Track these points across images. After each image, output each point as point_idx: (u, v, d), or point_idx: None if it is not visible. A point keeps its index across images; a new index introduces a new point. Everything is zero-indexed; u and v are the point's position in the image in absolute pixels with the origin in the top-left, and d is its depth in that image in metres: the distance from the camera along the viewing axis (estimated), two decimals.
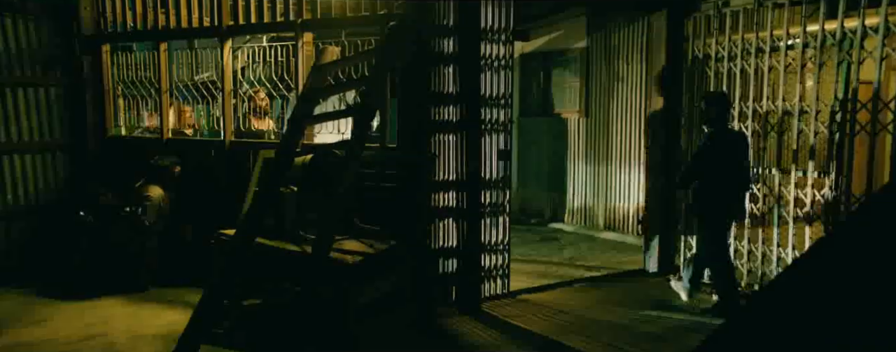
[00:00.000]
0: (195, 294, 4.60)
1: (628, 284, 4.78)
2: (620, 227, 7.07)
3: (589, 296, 4.47)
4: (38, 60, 5.13)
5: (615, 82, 7.03)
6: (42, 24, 5.11)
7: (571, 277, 4.99)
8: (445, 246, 4.10)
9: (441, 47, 3.98)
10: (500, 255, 4.34)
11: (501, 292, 4.37)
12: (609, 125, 7.14)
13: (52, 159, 5.26)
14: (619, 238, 6.91)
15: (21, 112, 5.05)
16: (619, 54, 6.94)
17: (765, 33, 4.04)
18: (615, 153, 7.10)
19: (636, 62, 6.70)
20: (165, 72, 5.05)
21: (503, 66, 4.21)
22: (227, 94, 4.70)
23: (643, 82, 6.62)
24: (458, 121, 4.03)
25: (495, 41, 4.13)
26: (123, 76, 5.32)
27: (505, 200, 4.31)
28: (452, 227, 4.12)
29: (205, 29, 4.79)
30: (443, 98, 4.01)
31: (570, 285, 4.74)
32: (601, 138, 7.27)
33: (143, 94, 5.27)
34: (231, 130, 4.78)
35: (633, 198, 6.88)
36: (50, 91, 5.23)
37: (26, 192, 5.11)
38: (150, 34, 5.04)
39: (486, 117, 4.13)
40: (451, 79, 4.03)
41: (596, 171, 7.39)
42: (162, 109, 5.08)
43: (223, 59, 4.65)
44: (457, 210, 4.09)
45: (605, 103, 7.19)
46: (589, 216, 7.50)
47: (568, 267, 5.44)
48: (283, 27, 4.42)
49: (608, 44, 7.09)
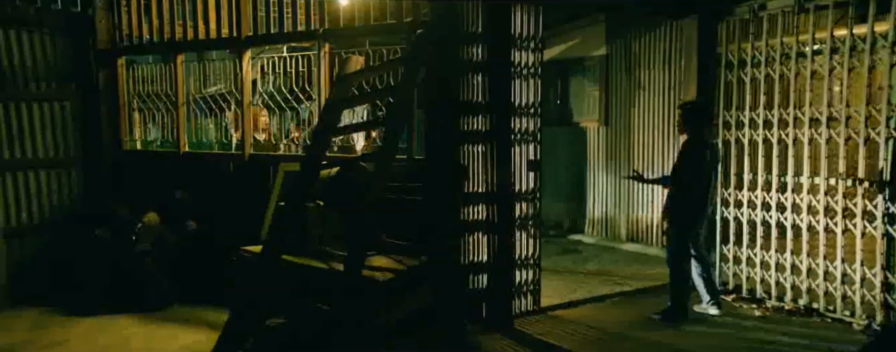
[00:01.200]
0: (214, 313, 4.47)
1: (661, 298, 4.58)
2: (643, 238, 6.88)
3: (623, 312, 4.29)
4: (53, 75, 5.04)
5: (636, 90, 6.89)
6: (57, 37, 5.03)
7: (601, 291, 4.81)
8: (475, 261, 3.94)
9: (469, 55, 3.85)
10: (531, 270, 4.17)
11: (532, 309, 4.20)
12: (630, 134, 6.98)
13: (66, 175, 5.15)
14: (642, 250, 6.72)
15: (36, 127, 4.95)
16: (640, 62, 6.80)
17: (806, 36, 3.88)
18: (637, 162, 6.92)
19: (659, 69, 6.56)
20: (182, 84, 4.95)
21: (532, 74, 4.07)
22: (247, 106, 4.58)
23: (667, 90, 6.48)
24: (487, 131, 3.89)
25: (524, 48, 4.00)
26: (139, 89, 5.22)
27: (535, 213, 4.15)
28: (482, 241, 3.96)
29: (223, 40, 4.69)
30: (471, 107, 3.87)
31: (602, 300, 4.56)
32: (622, 147, 7.11)
33: (159, 107, 5.16)
34: (250, 143, 4.65)
35: (657, 207, 6.70)
36: (64, 106, 5.13)
37: (41, 208, 5.00)
38: (166, 46, 4.95)
39: (516, 127, 3.99)
40: (480, 87, 3.89)
41: (617, 181, 7.22)
42: (178, 123, 4.97)
43: (242, 70, 4.53)
44: (487, 223, 3.93)
45: (625, 112, 7.04)
46: (610, 227, 7.31)
47: (596, 281, 5.25)
48: (305, 37, 4.31)
49: (629, 51, 6.95)
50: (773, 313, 4.07)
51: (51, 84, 5.04)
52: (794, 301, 4.08)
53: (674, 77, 6.36)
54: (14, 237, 4.82)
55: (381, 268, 3.35)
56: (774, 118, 4.10)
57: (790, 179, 4.03)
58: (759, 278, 4.27)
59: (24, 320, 4.39)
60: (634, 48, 6.90)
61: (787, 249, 4.04)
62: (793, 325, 3.90)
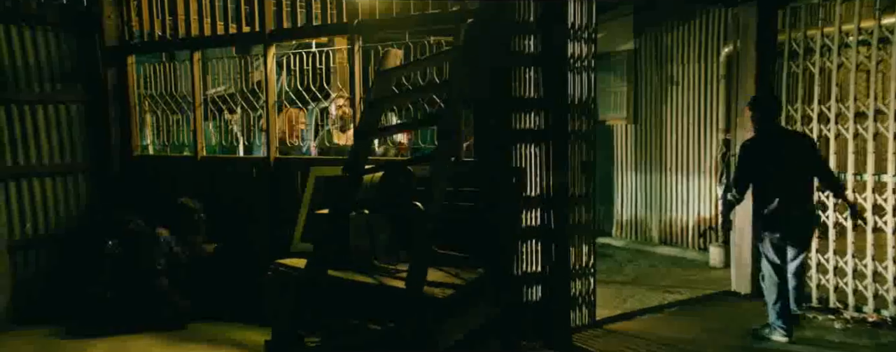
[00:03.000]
0: (239, 330, 4.11)
1: (722, 309, 4.28)
2: (678, 241, 6.58)
3: (685, 325, 3.97)
4: (59, 75, 4.67)
5: (668, 86, 6.59)
6: (62, 34, 4.66)
7: (653, 301, 4.49)
8: (528, 271, 3.62)
9: (521, 47, 3.53)
10: (586, 280, 3.86)
11: (588, 322, 3.88)
12: (662, 132, 6.69)
13: (74, 183, 4.77)
14: (678, 253, 6.42)
15: (41, 131, 4.58)
16: (672, 56, 6.50)
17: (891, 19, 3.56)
18: (670, 161, 6.63)
19: (693, 63, 6.26)
20: (199, 84, 4.59)
21: (586, 67, 3.76)
22: (271, 106, 4.24)
23: (703, 84, 6.18)
24: (540, 129, 3.57)
25: (579, 39, 3.69)
26: (152, 90, 4.85)
27: (589, 219, 3.84)
28: (536, 249, 3.64)
29: (244, 35, 4.34)
30: (523, 104, 3.55)
31: (659, 311, 4.24)
32: (653, 146, 6.81)
33: (173, 109, 4.81)
34: (275, 146, 4.30)
35: (693, 209, 6.40)
36: (71, 108, 4.76)
37: (47, 219, 4.62)
38: (181, 43, 4.58)
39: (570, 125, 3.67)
40: (533, 82, 3.57)
41: (648, 180, 6.92)
42: (196, 125, 4.61)
43: (267, 67, 4.19)
44: (541, 230, 3.61)
45: (656, 109, 6.74)
46: (641, 230, 7.01)
47: (641, 289, 4.94)
48: (337, 30, 3.97)
49: (660, 45, 6.65)
50: (856, 325, 3.76)
51: (56, 85, 4.67)
52: (877, 312, 3.77)
53: (710, 71, 6.07)
54: (19, 250, 4.45)
55: (438, 283, 3.01)
56: (849, 111, 3.80)
57: (869, 178, 3.73)
58: (833, 286, 3.96)
59: (31, 341, 4.02)
60: (666, 42, 6.60)
61: (868, 255, 3.74)
62: None
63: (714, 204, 6.10)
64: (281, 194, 4.25)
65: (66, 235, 4.67)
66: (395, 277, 3.13)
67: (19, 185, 4.48)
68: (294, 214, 4.03)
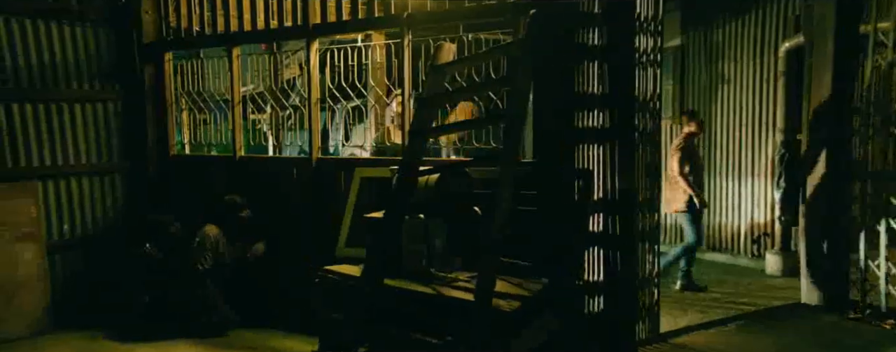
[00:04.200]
0: (281, 339, 3.95)
1: (795, 322, 3.97)
2: (729, 247, 6.27)
3: (758, 341, 3.67)
4: (97, 72, 4.56)
5: (719, 84, 6.28)
6: (100, 31, 4.55)
7: (716, 313, 4.21)
8: (591, 280, 3.38)
9: (585, 40, 3.29)
10: (650, 290, 3.60)
11: (651, 335, 3.63)
12: (711, 132, 6.38)
13: (111, 183, 4.66)
14: (729, 260, 6.12)
15: (78, 130, 4.48)
16: (724, 52, 6.20)
17: None
18: (720, 163, 6.32)
19: (748, 59, 5.94)
20: (238, 81, 4.44)
21: (652, 62, 3.51)
22: (315, 104, 4.06)
23: (758, 82, 5.86)
24: (605, 128, 3.32)
25: (646, 31, 3.44)
26: (189, 87, 4.71)
27: (655, 224, 3.59)
28: (598, 257, 3.39)
29: (287, 29, 4.16)
30: (586, 101, 3.32)
31: (723, 324, 3.96)
32: (702, 148, 6.50)
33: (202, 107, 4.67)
34: (317, 146, 4.12)
35: (745, 214, 6.09)
36: (108, 106, 4.65)
37: (84, 220, 4.52)
38: (220, 38, 4.43)
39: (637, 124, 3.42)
40: (596, 78, 3.33)
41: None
42: (235, 124, 4.45)
43: (310, 62, 4.01)
44: (604, 237, 3.36)
45: (705, 108, 6.43)
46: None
47: (699, 299, 4.66)
48: (386, 23, 3.77)
49: (709, 41, 6.35)
50: None
51: (94, 82, 4.55)
52: None
53: (767, 68, 5.75)
54: (57, 253, 4.34)
55: (502, 294, 2.78)
56: None
57: None
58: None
59: (69, 345, 3.90)
60: (716, 38, 6.29)
61: None
62: None
63: (769, 209, 5.78)
64: (324, 196, 4.07)
65: (103, 236, 4.56)
66: (452, 286, 2.92)
67: (57, 184, 4.39)
68: (337, 217, 3.84)
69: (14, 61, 4.18)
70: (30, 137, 4.26)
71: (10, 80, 4.16)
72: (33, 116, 4.27)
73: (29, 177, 4.23)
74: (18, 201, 4.13)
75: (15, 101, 4.18)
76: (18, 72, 4.19)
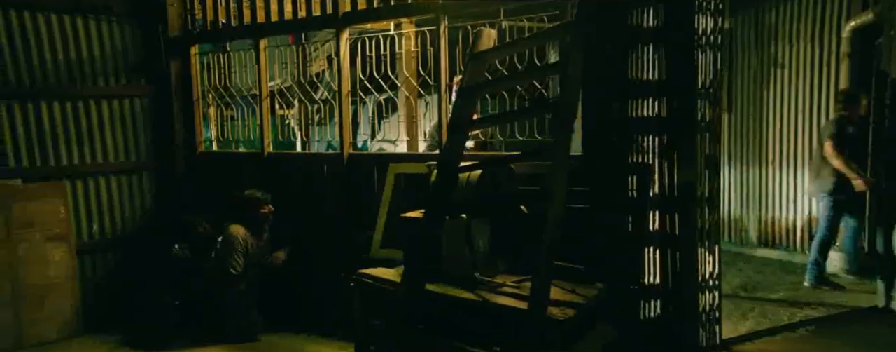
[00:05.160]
0: (313, 344, 3.78)
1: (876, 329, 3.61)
2: (781, 243, 5.88)
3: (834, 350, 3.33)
4: (123, 68, 4.44)
5: (772, 69, 5.87)
6: (125, 25, 4.42)
7: (781, 318, 3.87)
8: (646, 283, 3.10)
9: (639, 21, 3.00)
10: (711, 293, 3.30)
11: (713, 342, 3.33)
12: (763, 121, 5.98)
13: (138, 181, 4.55)
14: (782, 257, 5.73)
15: (105, 128, 4.37)
16: (777, 35, 5.78)
17: None
18: (772, 153, 5.93)
19: (805, 41, 5.52)
20: (266, 74, 4.26)
21: (713, 44, 3.19)
22: (345, 96, 3.85)
23: (816, 65, 5.44)
24: (661, 118, 3.03)
25: (705, 11, 3.12)
26: (216, 81, 4.56)
27: (715, 222, 3.28)
28: (654, 258, 3.11)
29: (316, 19, 3.96)
30: (641, 88, 3.03)
31: (791, 330, 3.63)
32: (752, 136, 6.12)
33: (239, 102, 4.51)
34: (349, 142, 3.92)
35: (802, 207, 5.69)
36: (135, 102, 4.53)
37: (112, 220, 4.42)
38: (247, 30, 4.26)
39: None
40: (651, 62, 3.04)
41: (744, 175, 6.23)
42: (262, 119, 4.29)
43: (339, 53, 3.80)
44: (662, 236, 3.08)
45: (756, 95, 6.04)
46: (734, 230, 6.33)
47: (758, 301, 4.32)
48: (421, 9, 3.53)
49: (761, 23, 5.94)
50: None
51: (120, 78, 4.43)
52: None
53: (828, 50, 5.33)
54: (86, 254, 4.25)
55: (554, 300, 2.54)
56: None
57: None
58: None
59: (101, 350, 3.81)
60: (769, 19, 5.88)
61: None
62: None
63: None
64: (356, 194, 3.87)
65: (132, 237, 4.46)
66: (498, 292, 2.69)
67: (86, 184, 4.29)
68: (370, 216, 3.64)
69: (41, 58, 4.08)
70: (58, 136, 4.17)
71: (39, 78, 4.06)
72: (61, 113, 4.18)
73: (57, 176, 4.15)
74: (47, 201, 4.05)
75: (43, 99, 4.09)
76: (45, 68, 4.10)
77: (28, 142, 4.06)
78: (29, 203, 3.94)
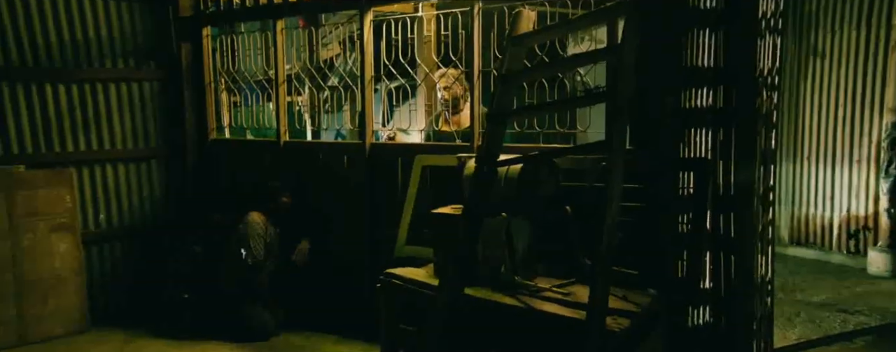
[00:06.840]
0: (330, 343, 3.58)
1: None
2: (816, 241, 5.63)
3: None
4: (132, 49, 4.21)
5: (810, 59, 5.58)
6: (135, 4, 4.18)
7: (831, 326, 3.64)
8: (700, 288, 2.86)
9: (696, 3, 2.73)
10: (764, 299, 3.06)
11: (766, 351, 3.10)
12: (799, 113, 5.71)
13: (148, 169, 4.34)
14: (818, 256, 5.48)
15: (114, 112, 4.15)
16: (818, 21, 5.48)
17: None
18: (808, 148, 5.66)
19: (849, 29, 5.22)
20: (282, 57, 4.01)
21: (773, 29, 2.92)
22: (368, 82, 3.61)
23: (862, 55, 5.15)
24: (720, 109, 2.78)
25: None
26: (229, 65, 4.32)
27: (771, 221, 3.04)
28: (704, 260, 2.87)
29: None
30: (697, 77, 2.77)
31: (849, 339, 3.40)
32: (786, 129, 5.83)
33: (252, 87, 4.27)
34: (372, 132, 3.69)
35: (840, 205, 5.43)
36: (144, 87, 4.30)
37: (120, 210, 4.21)
38: (263, 10, 4.00)
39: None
40: (708, 49, 2.77)
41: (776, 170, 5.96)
42: (278, 105, 4.05)
43: (364, 36, 3.55)
44: (715, 238, 2.84)
45: (791, 85, 5.75)
46: None
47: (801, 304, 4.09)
48: None
49: (798, 9, 5.63)
50: None
51: (129, 60, 4.20)
52: None
53: (875, 38, 5.03)
54: (93, 245, 4.05)
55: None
56: None
57: None
58: None
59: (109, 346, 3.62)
60: (807, 6, 5.57)
61: None
62: None
63: (873, 200, 5.12)
64: (379, 186, 3.64)
65: (141, 227, 4.25)
66: (541, 297, 2.46)
67: (93, 171, 4.08)
68: (394, 210, 3.41)
69: (45, 38, 3.85)
70: (64, 120, 3.96)
71: (43, 59, 3.84)
72: (67, 96, 3.96)
73: (64, 163, 3.94)
74: (53, 189, 3.83)
75: (48, 80, 3.87)
76: (50, 49, 3.87)
77: (32, 126, 3.85)
78: (33, 191, 3.73)
